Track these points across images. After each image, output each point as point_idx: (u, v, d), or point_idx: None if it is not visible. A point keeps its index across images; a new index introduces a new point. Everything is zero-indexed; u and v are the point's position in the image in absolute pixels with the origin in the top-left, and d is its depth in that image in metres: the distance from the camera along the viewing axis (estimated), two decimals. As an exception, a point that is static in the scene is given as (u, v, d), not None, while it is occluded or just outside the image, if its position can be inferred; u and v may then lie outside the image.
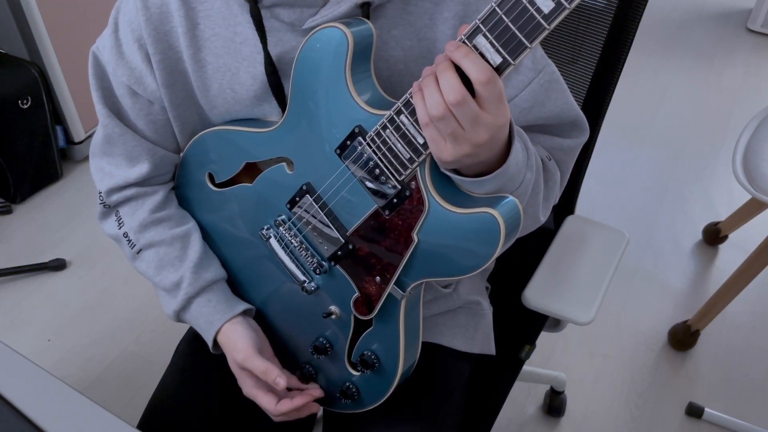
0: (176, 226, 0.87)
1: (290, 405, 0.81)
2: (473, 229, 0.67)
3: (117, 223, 0.88)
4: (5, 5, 1.91)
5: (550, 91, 0.78)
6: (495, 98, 0.60)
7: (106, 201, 0.88)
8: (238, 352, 0.81)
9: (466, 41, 0.60)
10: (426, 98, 0.61)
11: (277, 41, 0.76)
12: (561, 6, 0.54)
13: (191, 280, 0.84)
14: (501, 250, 0.67)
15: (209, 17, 0.77)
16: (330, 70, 0.70)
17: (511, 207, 0.67)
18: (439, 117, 0.60)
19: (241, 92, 0.79)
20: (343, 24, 0.68)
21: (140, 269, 0.88)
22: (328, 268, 0.80)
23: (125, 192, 0.87)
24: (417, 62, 0.75)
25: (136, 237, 0.87)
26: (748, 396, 1.64)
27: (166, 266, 0.85)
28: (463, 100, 0.59)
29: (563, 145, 0.84)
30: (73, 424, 0.72)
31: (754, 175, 1.42)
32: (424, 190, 0.69)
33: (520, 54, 0.58)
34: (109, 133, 0.84)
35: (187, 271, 0.84)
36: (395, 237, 0.72)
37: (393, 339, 0.78)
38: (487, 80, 0.58)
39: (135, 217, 0.87)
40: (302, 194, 0.78)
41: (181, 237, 0.86)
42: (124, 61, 0.80)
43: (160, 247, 0.86)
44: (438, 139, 0.63)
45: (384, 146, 0.68)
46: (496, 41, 0.58)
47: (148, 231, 0.86)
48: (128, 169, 0.86)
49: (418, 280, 0.74)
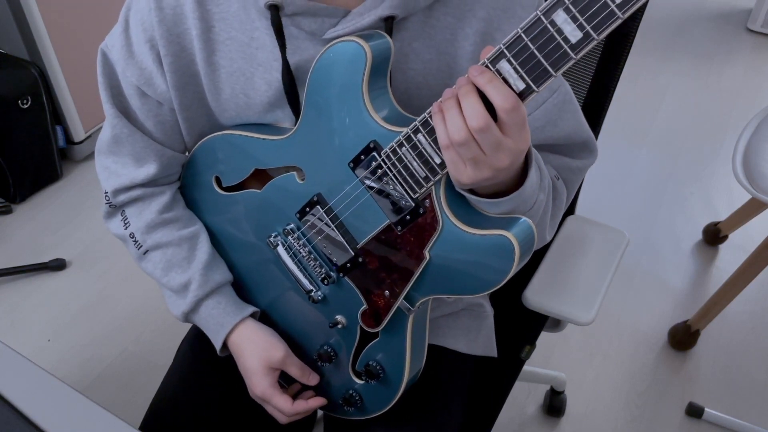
0: (184, 228, 0.86)
1: (306, 406, 0.82)
2: (487, 250, 0.66)
3: (123, 224, 0.87)
4: (5, 5, 1.91)
5: (563, 111, 0.78)
6: (518, 125, 0.59)
7: (113, 201, 0.87)
8: (278, 350, 0.82)
9: (489, 65, 0.58)
10: (447, 122, 0.60)
11: (296, 49, 0.74)
12: (589, 37, 0.53)
13: (200, 282, 0.84)
14: (514, 272, 0.66)
15: (225, 20, 0.76)
16: (346, 83, 0.69)
17: (526, 228, 0.67)
18: (461, 142, 0.59)
19: (255, 97, 0.78)
20: (361, 38, 0.67)
21: (147, 270, 0.88)
22: (336, 279, 0.79)
23: (132, 192, 0.86)
24: (435, 76, 0.75)
25: (142, 238, 0.86)
26: (748, 396, 1.64)
27: (174, 267, 0.85)
28: (486, 127, 0.58)
29: (572, 166, 0.84)
30: (73, 424, 0.72)
31: (754, 175, 1.42)
32: (438, 208, 0.68)
33: (545, 82, 0.57)
34: (117, 133, 0.83)
35: (196, 272, 0.84)
36: (406, 253, 0.72)
37: (399, 351, 0.78)
38: (511, 108, 0.57)
39: (142, 217, 0.86)
40: (313, 205, 0.77)
41: (189, 238, 0.86)
42: (134, 61, 0.79)
43: (167, 248, 0.85)
44: (458, 163, 0.62)
45: (399, 164, 0.68)
46: (520, 67, 0.57)
47: (156, 232, 0.86)
48: (135, 170, 0.85)
49: (427, 296, 0.73)
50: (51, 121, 2.08)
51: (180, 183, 0.91)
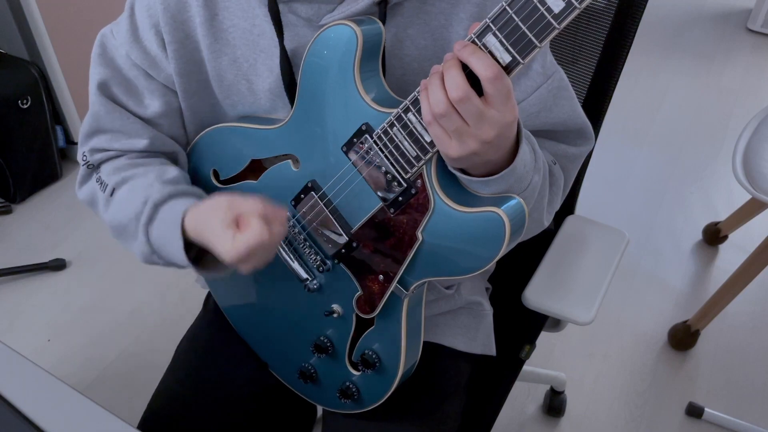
0: (158, 165, 0.80)
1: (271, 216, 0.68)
2: (478, 229, 0.67)
3: (97, 182, 0.81)
4: (5, 5, 1.91)
5: (558, 98, 0.78)
6: (503, 95, 0.60)
7: (90, 159, 0.82)
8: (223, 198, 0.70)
9: (476, 40, 0.60)
10: (430, 95, 0.61)
11: (294, 35, 0.76)
12: (571, 5, 0.54)
13: (159, 188, 0.76)
14: (505, 250, 0.67)
15: (228, 8, 0.77)
16: (338, 67, 0.70)
17: (517, 207, 0.67)
18: (442, 114, 0.60)
19: (257, 83, 0.79)
20: (353, 22, 0.68)
21: (114, 220, 0.79)
22: (331, 266, 0.80)
23: (111, 152, 0.82)
24: (431, 61, 0.75)
25: (108, 178, 0.80)
26: (748, 396, 1.64)
27: (137, 191, 0.77)
28: (465, 97, 0.59)
29: (568, 153, 0.84)
30: (73, 424, 0.72)
31: (754, 175, 1.42)
32: (429, 188, 0.69)
33: (530, 53, 0.58)
34: (96, 110, 0.80)
35: (155, 181, 0.77)
36: (399, 235, 0.72)
37: (395, 338, 0.78)
38: (494, 77, 0.58)
39: (113, 163, 0.81)
40: (307, 191, 0.78)
41: (158, 167, 0.79)
42: (139, 45, 0.79)
43: (135, 180, 0.78)
44: (443, 137, 0.62)
45: (391, 144, 0.68)
46: (505, 40, 0.58)
47: (125, 171, 0.80)
48: (129, 140, 0.81)
49: (421, 279, 0.74)
50: (51, 121, 2.08)
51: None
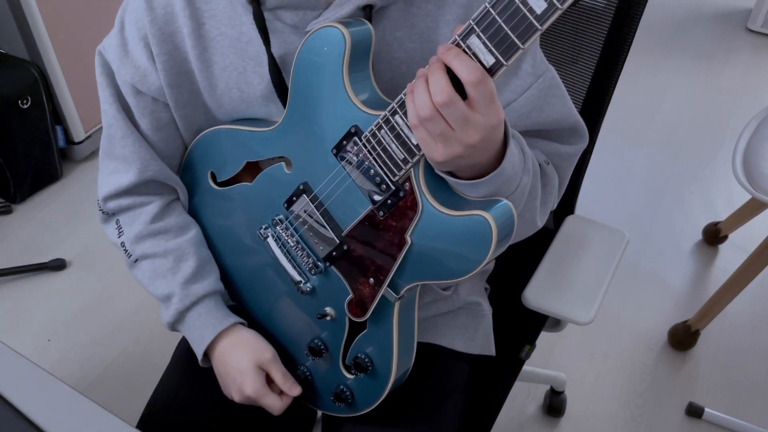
0: (173, 238, 0.87)
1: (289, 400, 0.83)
2: (465, 232, 0.66)
3: (117, 232, 0.88)
4: (5, 5, 1.91)
5: (549, 97, 0.78)
6: (486, 99, 0.59)
7: (103, 208, 0.89)
8: (266, 350, 0.83)
9: (460, 42, 0.59)
10: (415, 99, 0.61)
11: (281, 42, 0.76)
12: (553, 6, 0.54)
13: (181, 296, 0.84)
14: (493, 255, 0.66)
15: (215, 17, 0.77)
16: (328, 69, 0.70)
17: (505, 210, 0.66)
18: (427, 117, 0.60)
19: (248, 91, 0.79)
20: (341, 24, 0.68)
21: (137, 278, 0.89)
22: (323, 268, 0.80)
23: (121, 201, 0.87)
24: (419, 64, 0.75)
25: (132, 248, 0.87)
26: (748, 396, 1.64)
27: (159, 278, 0.86)
28: (450, 101, 0.59)
29: (561, 152, 0.84)
30: (73, 424, 0.72)
31: (754, 175, 1.42)
32: (417, 191, 0.69)
33: (513, 55, 0.57)
34: (112, 133, 0.84)
35: (177, 286, 0.84)
36: (389, 238, 0.72)
37: (386, 342, 0.78)
38: (477, 81, 0.58)
39: (132, 228, 0.87)
40: (299, 193, 0.78)
41: (175, 250, 0.86)
42: (128, 59, 0.80)
43: (154, 258, 0.86)
44: (428, 140, 0.62)
45: (379, 146, 0.68)
46: (488, 41, 0.58)
47: (144, 242, 0.86)
48: (120, 176, 0.86)
49: (411, 282, 0.73)
50: (51, 121, 2.08)
51: (173, 196, 0.91)
